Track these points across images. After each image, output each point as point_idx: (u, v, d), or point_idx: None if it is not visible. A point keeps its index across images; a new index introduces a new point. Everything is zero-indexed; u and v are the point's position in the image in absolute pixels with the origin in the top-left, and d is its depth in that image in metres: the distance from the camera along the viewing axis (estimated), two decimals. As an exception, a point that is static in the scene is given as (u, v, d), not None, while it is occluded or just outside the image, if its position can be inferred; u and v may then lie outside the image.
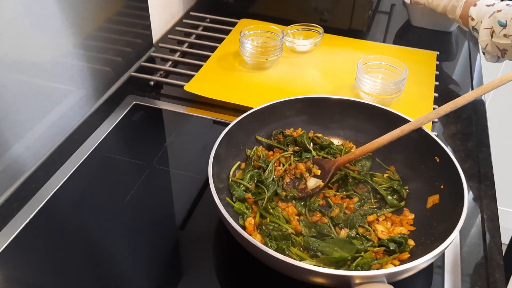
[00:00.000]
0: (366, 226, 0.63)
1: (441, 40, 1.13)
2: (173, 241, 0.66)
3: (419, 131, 0.69)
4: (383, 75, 0.88)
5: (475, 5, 0.87)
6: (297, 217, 0.65)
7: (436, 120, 0.85)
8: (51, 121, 0.77)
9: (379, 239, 0.62)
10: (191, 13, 1.20)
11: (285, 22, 1.06)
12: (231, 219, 0.55)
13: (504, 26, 0.82)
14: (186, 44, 1.07)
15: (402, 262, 0.58)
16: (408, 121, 0.70)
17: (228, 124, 0.70)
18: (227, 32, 1.10)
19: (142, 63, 1.00)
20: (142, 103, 0.90)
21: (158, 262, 0.62)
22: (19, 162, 0.72)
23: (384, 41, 1.13)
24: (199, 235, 0.66)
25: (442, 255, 0.64)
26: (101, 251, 0.64)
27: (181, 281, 0.60)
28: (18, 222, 0.66)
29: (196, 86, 0.91)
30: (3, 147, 0.68)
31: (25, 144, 0.72)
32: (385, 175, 0.72)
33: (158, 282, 0.60)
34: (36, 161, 0.76)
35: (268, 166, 0.71)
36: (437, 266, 0.62)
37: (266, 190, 0.67)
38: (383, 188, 0.69)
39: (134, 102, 0.89)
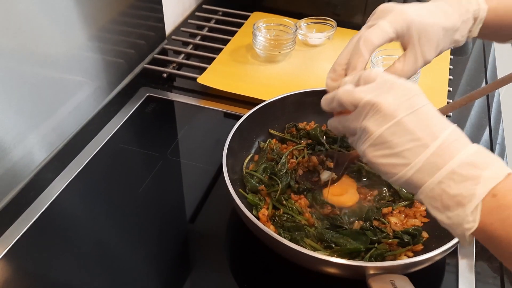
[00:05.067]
0: (381, 219, 0.63)
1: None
2: (186, 233, 0.67)
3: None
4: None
5: None
6: (309, 209, 0.65)
7: (451, 114, 0.85)
8: (66, 112, 0.78)
9: (393, 231, 0.62)
10: (204, 6, 1.21)
11: (298, 15, 1.06)
12: (246, 209, 0.55)
13: None
14: (199, 37, 1.08)
15: (416, 253, 0.58)
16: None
17: (241, 116, 0.70)
18: (239, 25, 1.10)
19: (155, 56, 1.01)
20: (155, 95, 0.90)
21: (171, 253, 0.63)
22: (34, 152, 0.73)
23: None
24: (211, 226, 0.67)
25: (455, 248, 0.63)
26: (113, 241, 0.65)
27: (194, 272, 0.61)
28: (35, 211, 0.67)
29: (209, 78, 0.91)
30: (18, 137, 0.69)
31: (40, 134, 0.73)
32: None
33: (171, 274, 0.61)
34: (50, 151, 0.76)
35: (281, 158, 0.71)
36: (451, 259, 0.62)
37: (279, 182, 0.67)
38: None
39: (147, 94, 0.90)
